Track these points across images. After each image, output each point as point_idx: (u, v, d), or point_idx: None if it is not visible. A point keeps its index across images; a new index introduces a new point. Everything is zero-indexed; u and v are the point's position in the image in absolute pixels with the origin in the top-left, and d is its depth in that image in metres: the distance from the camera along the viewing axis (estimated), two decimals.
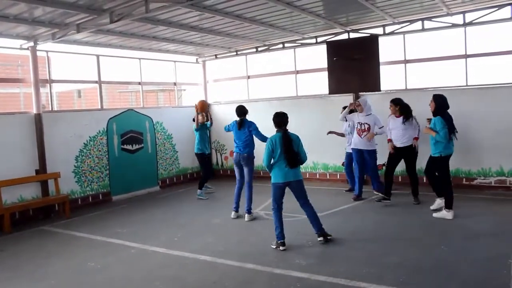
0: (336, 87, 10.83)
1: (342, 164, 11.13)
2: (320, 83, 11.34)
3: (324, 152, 11.27)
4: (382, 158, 9.22)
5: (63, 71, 11.87)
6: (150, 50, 11.69)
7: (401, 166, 8.75)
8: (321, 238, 6.36)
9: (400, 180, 10.32)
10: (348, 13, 9.50)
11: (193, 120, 10.41)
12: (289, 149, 6.17)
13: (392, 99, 8.62)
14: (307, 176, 11.60)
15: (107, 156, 10.55)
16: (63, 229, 8.08)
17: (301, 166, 6.43)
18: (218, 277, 5.31)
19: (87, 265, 6.02)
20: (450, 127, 7.09)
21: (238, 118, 8.15)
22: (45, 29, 8.55)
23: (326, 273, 5.19)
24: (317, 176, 11.65)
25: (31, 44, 9.12)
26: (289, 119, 6.42)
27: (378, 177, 9.15)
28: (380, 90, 10.32)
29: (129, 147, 11.09)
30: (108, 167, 10.54)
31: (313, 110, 11.40)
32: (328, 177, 11.47)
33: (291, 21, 9.78)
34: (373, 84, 10.28)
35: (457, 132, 7.29)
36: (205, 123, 10.39)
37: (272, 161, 6.31)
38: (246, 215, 7.98)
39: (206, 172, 10.41)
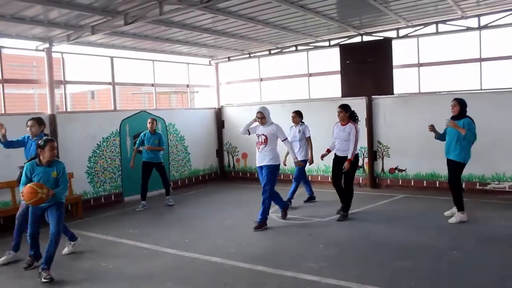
0: (349, 90, 10.78)
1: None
2: (333, 86, 11.32)
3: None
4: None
5: (77, 72, 11.98)
6: (163, 52, 11.76)
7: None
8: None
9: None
10: (361, 16, 9.48)
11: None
12: None
13: (343, 104, 8.00)
14: (319, 179, 11.57)
15: (119, 157, 10.62)
16: (76, 229, 8.07)
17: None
18: (229, 279, 5.31)
19: (100, 265, 6.06)
20: None
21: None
22: (60, 30, 8.64)
23: (337, 276, 5.16)
24: (329, 179, 11.56)
25: (47, 45, 9.21)
26: None
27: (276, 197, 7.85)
28: (393, 94, 10.27)
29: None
30: (120, 168, 10.61)
31: (326, 113, 11.34)
32: None
33: (304, 24, 9.78)
34: (386, 88, 10.22)
35: None
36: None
37: None
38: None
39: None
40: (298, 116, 9.16)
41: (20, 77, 14.18)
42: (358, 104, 10.69)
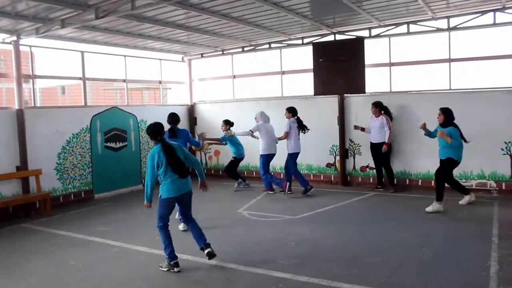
0: (321, 88, 10.84)
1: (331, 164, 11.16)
2: (306, 84, 11.37)
3: (308, 153, 11.28)
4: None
5: (47, 66, 11.74)
6: (135, 47, 11.60)
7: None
8: (208, 250, 5.72)
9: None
10: (334, 15, 9.55)
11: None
12: (173, 158, 5.57)
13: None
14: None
15: (90, 153, 10.44)
16: (44, 227, 7.97)
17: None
18: (200, 277, 5.30)
19: (68, 263, 5.95)
20: (461, 136, 7.94)
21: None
22: (28, 23, 8.42)
23: (308, 273, 5.20)
24: None
25: (14, 38, 8.97)
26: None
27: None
28: (365, 92, 10.37)
29: (112, 145, 10.99)
30: (91, 164, 10.43)
31: (298, 110, 11.40)
32: (312, 177, 11.48)
33: (278, 22, 9.79)
34: (358, 86, 10.32)
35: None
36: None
37: (159, 176, 5.66)
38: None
39: None
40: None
41: None
42: (330, 102, 10.79)
